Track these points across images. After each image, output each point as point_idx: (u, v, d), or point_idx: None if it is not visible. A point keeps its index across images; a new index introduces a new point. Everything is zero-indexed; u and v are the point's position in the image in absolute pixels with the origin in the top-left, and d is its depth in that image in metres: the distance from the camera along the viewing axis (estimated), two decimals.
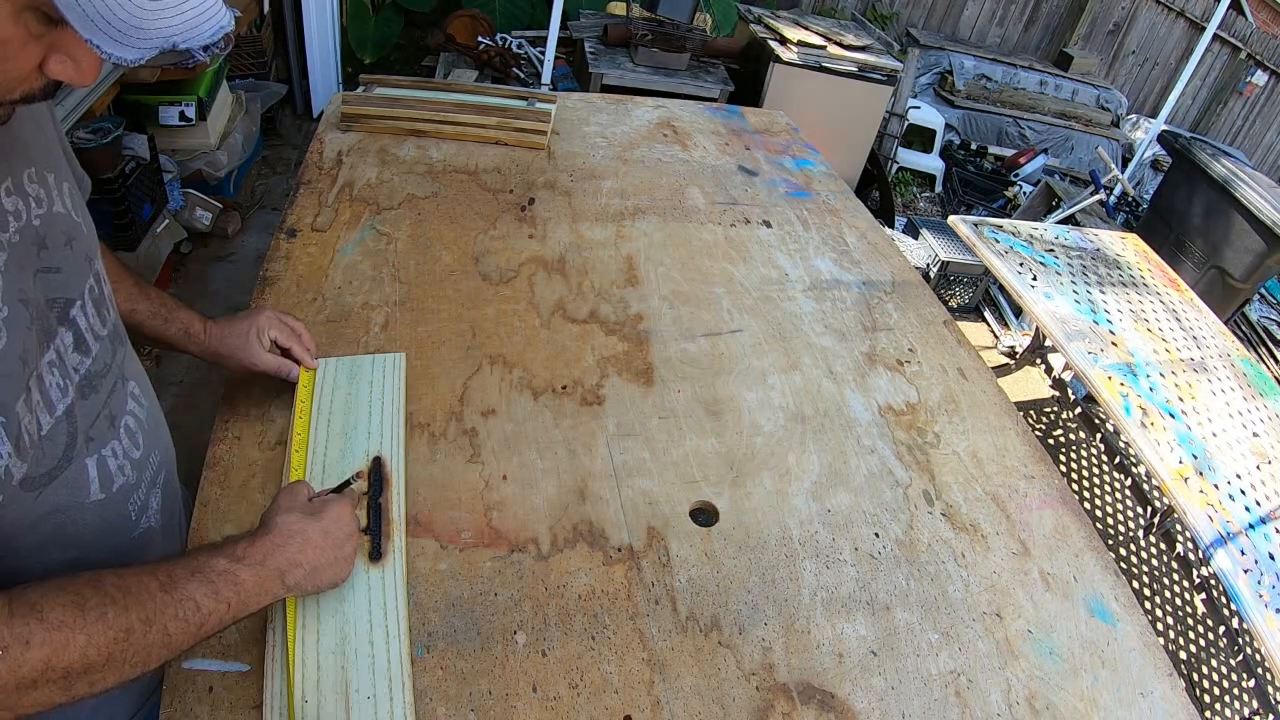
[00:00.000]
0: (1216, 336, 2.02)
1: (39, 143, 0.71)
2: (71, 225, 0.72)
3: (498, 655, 0.86)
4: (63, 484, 0.70)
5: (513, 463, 1.07)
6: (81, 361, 0.72)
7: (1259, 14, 6.28)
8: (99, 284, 0.77)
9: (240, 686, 0.78)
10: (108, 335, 0.77)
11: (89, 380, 0.73)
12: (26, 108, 0.59)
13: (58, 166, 0.73)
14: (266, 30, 3.76)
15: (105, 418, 0.76)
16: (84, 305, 0.73)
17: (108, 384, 0.77)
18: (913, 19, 5.95)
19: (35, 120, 0.71)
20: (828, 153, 2.19)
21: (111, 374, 0.77)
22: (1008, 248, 2.07)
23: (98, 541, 0.76)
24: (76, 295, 0.72)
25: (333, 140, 1.67)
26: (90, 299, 0.74)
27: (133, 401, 0.82)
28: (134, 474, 0.81)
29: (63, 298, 0.70)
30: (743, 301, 1.46)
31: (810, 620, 0.96)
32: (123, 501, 0.79)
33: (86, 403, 0.73)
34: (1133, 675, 0.99)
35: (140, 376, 0.86)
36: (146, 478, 0.84)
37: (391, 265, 1.36)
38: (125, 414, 0.80)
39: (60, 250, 0.70)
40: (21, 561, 0.68)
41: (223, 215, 3.13)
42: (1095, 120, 5.86)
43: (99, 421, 0.75)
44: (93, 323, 0.74)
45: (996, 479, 1.22)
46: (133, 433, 0.81)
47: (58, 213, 0.70)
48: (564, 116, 1.95)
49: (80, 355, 0.72)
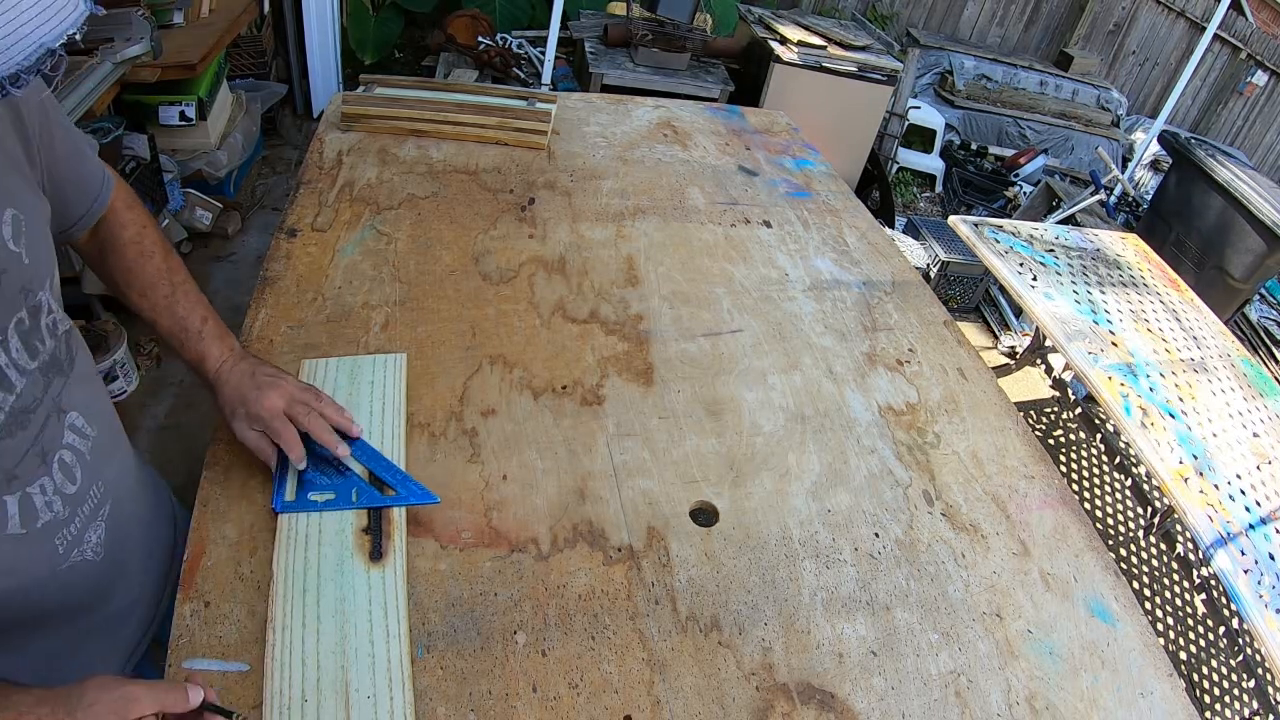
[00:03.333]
0: (1216, 336, 2.02)
1: None
2: (4, 257, 0.68)
3: (498, 655, 0.86)
4: None
5: (513, 463, 1.07)
6: (4, 399, 0.68)
7: (1259, 14, 6.28)
8: (36, 316, 0.72)
9: (240, 687, 0.78)
10: (38, 368, 0.72)
11: (14, 417, 0.69)
12: None
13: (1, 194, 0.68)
14: (266, 30, 3.77)
15: (35, 455, 0.72)
16: (6, 340, 0.68)
17: (38, 419, 0.72)
18: (913, 19, 5.95)
19: None
20: (828, 153, 2.19)
21: (43, 408, 0.73)
22: (1008, 248, 2.07)
23: (17, 569, 0.73)
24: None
25: (333, 140, 1.67)
26: (17, 333, 0.70)
27: (72, 434, 0.77)
28: (66, 509, 0.76)
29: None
30: (743, 301, 1.46)
31: (810, 620, 0.96)
32: (48, 537, 0.75)
33: (12, 440, 0.69)
34: (1133, 675, 0.99)
35: (88, 404, 0.81)
36: (84, 512, 0.80)
37: (391, 265, 1.36)
38: (61, 448, 0.75)
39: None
40: None
41: (223, 215, 3.13)
42: (1095, 120, 5.86)
43: (27, 459, 0.71)
44: (16, 358, 0.69)
45: (996, 479, 1.22)
46: (69, 467, 0.76)
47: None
48: (564, 116, 1.95)
49: (3, 392, 0.68)
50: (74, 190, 0.84)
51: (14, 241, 0.69)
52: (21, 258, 0.70)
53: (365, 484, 0.97)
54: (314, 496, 0.94)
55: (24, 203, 0.71)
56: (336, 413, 0.98)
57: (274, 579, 0.86)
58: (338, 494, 0.95)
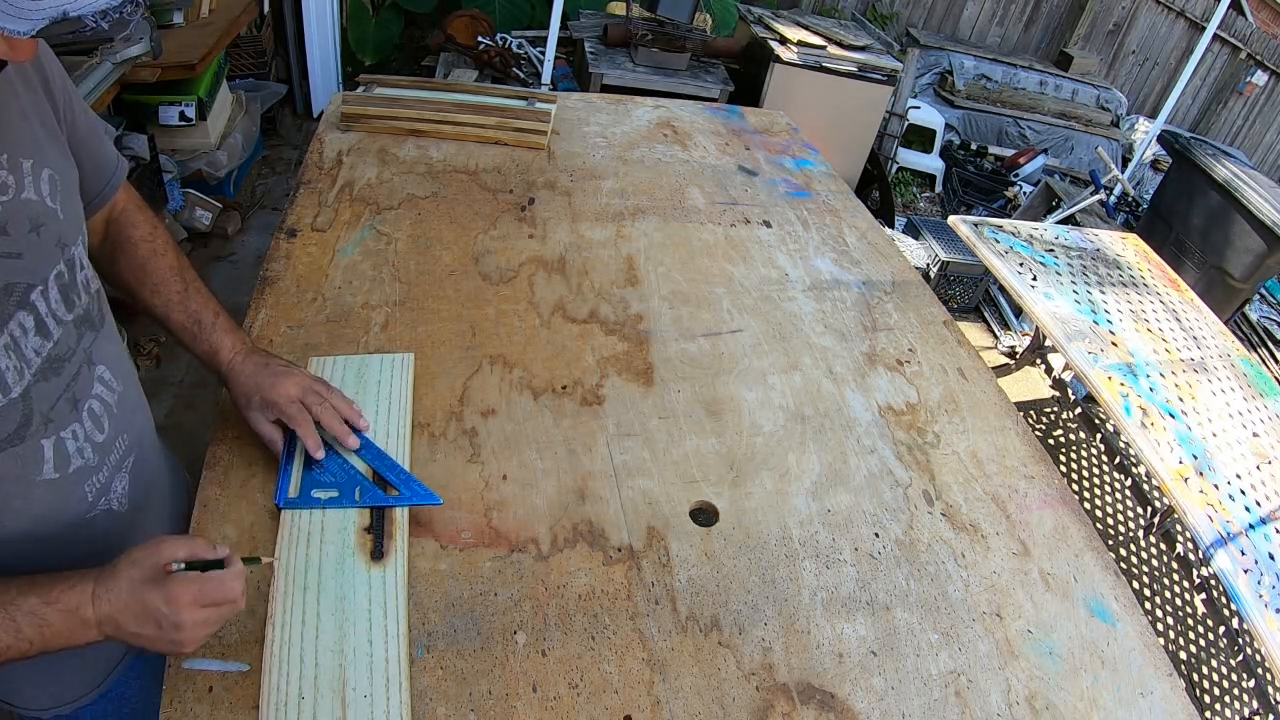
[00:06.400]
0: (1216, 336, 2.02)
1: (10, 131, 0.71)
2: (42, 212, 0.72)
3: (498, 655, 0.86)
4: (13, 456, 0.71)
5: (513, 463, 1.07)
6: (42, 345, 0.73)
7: (1259, 14, 6.28)
8: (72, 270, 0.77)
9: (240, 686, 0.78)
10: (73, 320, 0.77)
11: (50, 364, 0.74)
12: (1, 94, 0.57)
13: (38, 152, 0.73)
14: (266, 30, 3.77)
15: (67, 400, 0.76)
16: (46, 291, 0.73)
17: (71, 368, 0.77)
18: (913, 19, 5.95)
19: (8, 106, 0.71)
20: (828, 153, 2.19)
21: (76, 358, 0.78)
22: (1008, 248, 2.07)
23: (49, 515, 0.77)
24: (39, 281, 0.72)
25: (333, 140, 1.67)
26: (57, 285, 0.74)
27: (100, 386, 0.82)
28: (95, 457, 0.81)
29: (23, 283, 0.70)
30: (743, 301, 1.46)
31: (810, 620, 0.96)
32: (78, 483, 0.79)
33: (47, 385, 0.73)
34: (1133, 675, 0.99)
35: (115, 361, 0.85)
36: (111, 461, 0.84)
37: (391, 265, 1.36)
38: (90, 398, 0.80)
39: (23, 236, 0.70)
40: None
41: (223, 215, 3.13)
42: (1095, 120, 5.86)
43: (60, 404, 0.75)
44: (55, 308, 0.74)
45: (996, 479, 1.22)
46: (97, 416, 0.81)
47: (26, 199, 0.71)
48: (564, 116, 1.95)
49: (41, 339, 0.72)
50: (91, 168, 0.87)
51: (51, 198, 0.74)
52: (58, 214, 0.75)
53: (369, 483, 0.97)
54: (317, 494, 0.95)
55: (57, 165, 0.76)
56: (346, 405, 1.01)
57: (275, 575, 0.86)
58: (341, 492, 0.96)
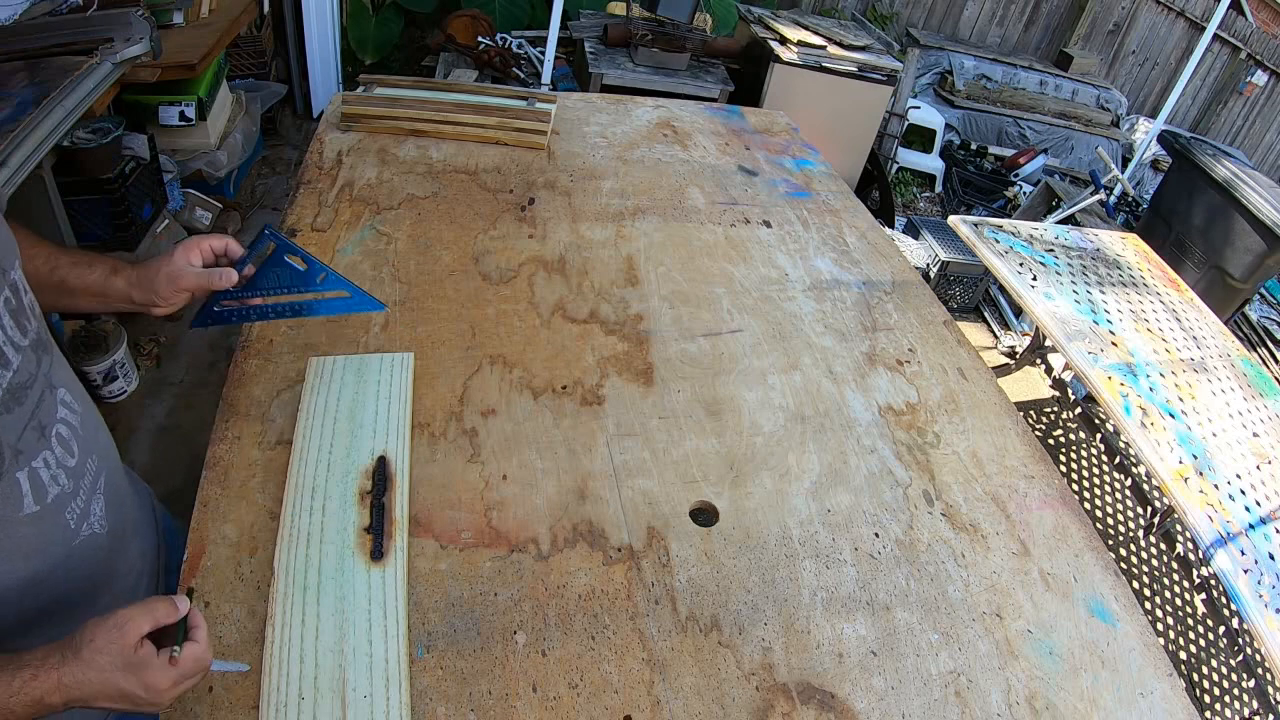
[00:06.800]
0: (1216, 336, 2.02)
1: None
2: None
3: (498, 655, 0.86)
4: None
5: (513, 463, 1.07)
6: (2, 375, 0.71)
7: (1259, 14, 6.28)
8: (16, 294, 0.76)
9: (240, 686, 0.78)
10: (29, 345, 0.76)
11: (12, 393, 0.72)
12: None
13: None
14: (266, 30, 3.76)
15: (34, 429, 0.75)
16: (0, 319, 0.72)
17: (34, 394, 0.75)
18: (913, 19, 5.95)
19: None
20: (828, 153, 2.19)
21: (38, 384, 0.76)
22: (1008, 248, 2.07)
23: (38, 552, 0.75)
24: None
25: (333, 140, 1.67)
26: (7, 310, 0.73)
27: (64, 409, 0.80)
28: (70, 482, 0.79)
29: None
30: (743, 301, 1.46)
31: (810, 620, 0.96)
32: (59, 511, 0.78)
33: (10, 416, 0.72)
34: (1133, 675, 0.99)
35: (71, 383, 0.84)
36: (85, 484, 0.82)
37: (391, 265, 1.36)
38: (56, 422, 0.78)
39: None
40: None
41: (223, 215, 3.13)
42: (1095, 120, 5.86)
43: (26, 434, 0.73)
44: (11, 334, 0.73)
45: (996, 479, 1.22)
46: (65, 440, 0.79)
47: None
48: (564, 116, 1.95)
49: (1, 369, 0.71)
50: None
51: None
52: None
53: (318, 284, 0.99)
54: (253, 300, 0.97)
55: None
56: (220, 242, 0.98)
57: (274, 576, 0.86)
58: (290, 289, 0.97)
